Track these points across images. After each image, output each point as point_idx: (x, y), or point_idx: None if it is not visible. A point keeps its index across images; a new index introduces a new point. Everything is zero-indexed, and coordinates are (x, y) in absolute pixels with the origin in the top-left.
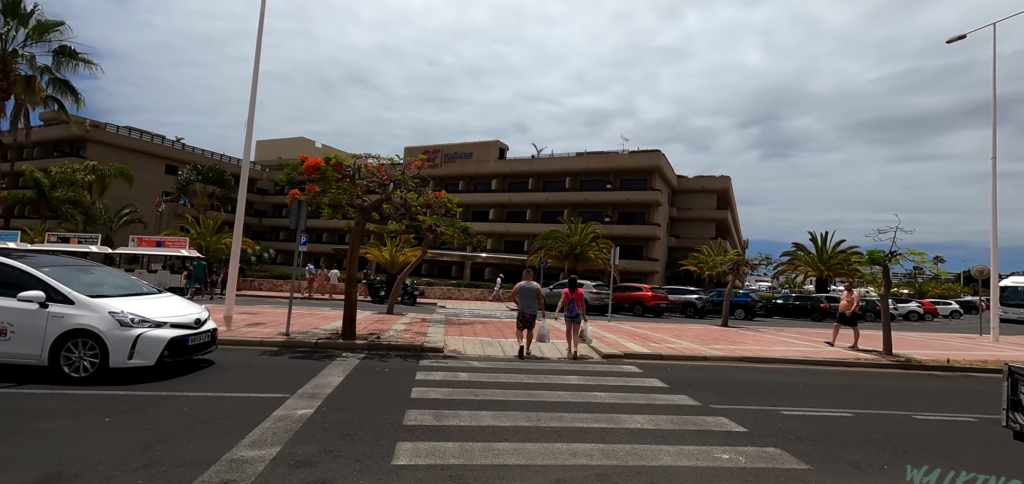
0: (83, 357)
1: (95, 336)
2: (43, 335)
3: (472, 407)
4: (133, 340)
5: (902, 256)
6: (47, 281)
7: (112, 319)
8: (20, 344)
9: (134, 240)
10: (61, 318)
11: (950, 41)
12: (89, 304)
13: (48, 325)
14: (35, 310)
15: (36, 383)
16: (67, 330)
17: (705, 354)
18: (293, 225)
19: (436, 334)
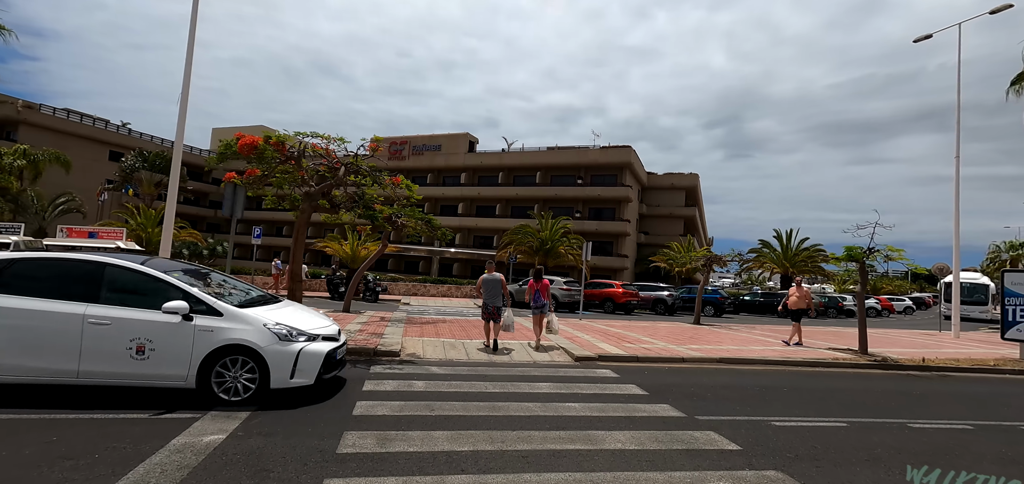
0: (239, 377)
1: (252, 352)
2: (189, 353)
3: (425, 425)
4: (294, 356)
5: (880, 253)
6: (188, 290)
7: (268, 332)
8: (162, 364)
9: (62, 231)
10: (210, 333)
11: (917, 40)
12: (240, 315)
13: (195, 341)
14: (178, 323)
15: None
16: (219, 346)
17: (682, 355)
18: (227, 212)
19: (393, 335)
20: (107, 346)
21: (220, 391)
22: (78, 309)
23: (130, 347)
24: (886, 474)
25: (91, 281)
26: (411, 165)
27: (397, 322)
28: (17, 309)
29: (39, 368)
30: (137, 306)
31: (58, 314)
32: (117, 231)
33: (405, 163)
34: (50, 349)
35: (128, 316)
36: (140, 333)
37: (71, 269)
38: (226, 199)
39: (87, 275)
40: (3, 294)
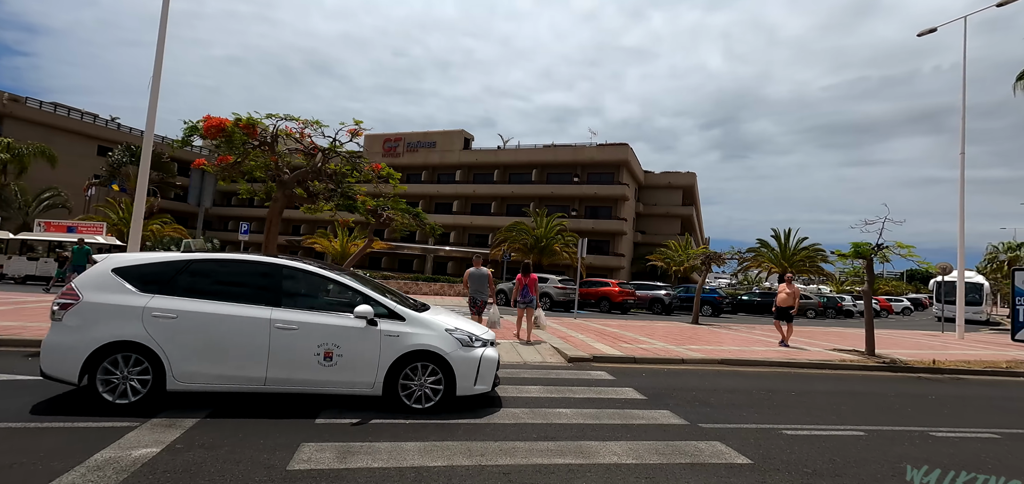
0: (425, 384)
1: (437, 359)
2: (377, 359)
3: (396, 435)
4: (477, 363)
5: (889, 250)
6: (370, 293)
7: (452, 338)
8: (350, 371)
9: (41, 224)
10: (395, 338)
11: (921, 34)
12: (421, 320)
13: (382, 347)
14: (364, 329)
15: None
16: (406, 352)
17: (682, 356)
18: (193, 201)
19: None
20: (295, 352)
21: (406, 398)
22: (264, 313)
23: (318, 353)
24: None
25: (270, 284)
26: (406, 162)
27: None
28: (205, 313)
29: (228, 375)
30: (320, 310)
31: (246, 318)
32: (97, 226)
33: (400, 160)
34: (238, 355)
35: (315, 321)
36: (328, 338)
37: (248, 270)
38: (192, 187)
39: (265, 277)
40: (184, 297)
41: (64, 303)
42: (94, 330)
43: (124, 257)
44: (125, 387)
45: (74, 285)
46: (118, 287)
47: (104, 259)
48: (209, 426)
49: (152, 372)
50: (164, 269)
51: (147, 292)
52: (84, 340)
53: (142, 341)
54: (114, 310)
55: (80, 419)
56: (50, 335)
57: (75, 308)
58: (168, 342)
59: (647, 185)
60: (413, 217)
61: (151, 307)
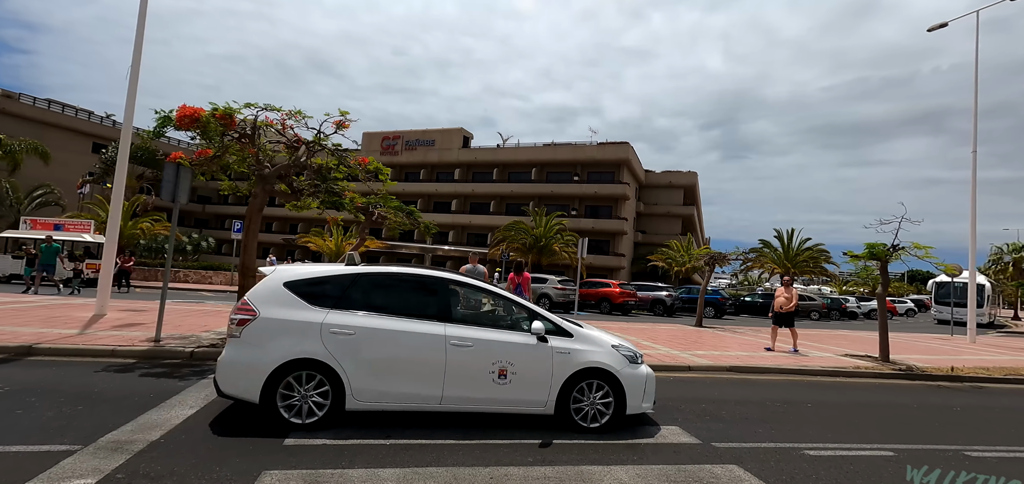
0: (596, 402)
1: (607, 376)
2: (549, 376)
3: (373, 460)
4: (644, 380)
5: (905, 251)
6: (535, 309)
7: (618, 354)
8: (523, 389)
9: (26, 222)
10: (566, 355)
11: (931, 29)
12: (589, 337)
13: (554, 364)
14: (535, 345)
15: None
16: (578, 369)
17: (689, 363)
18: (168, 196)
19: None
20: (471, 370)
21: (578, 418)
22: (438, 329)
23: (492, 371)
24: None
25: (438, 298)
26: (404, 160)
27: None
28: (382, 329)
29: (406, 394)
30: (488, 325)
31: (422, 335)
32: (84, 223)
33: (398, 158)
34: (416, 373)
35: (488, 337)
36: (502, 355)
37: (415, 285)
38: (165, 181)
39: (432, 292)
40: (356, 313)
41: (241, 319)
42: (274, 347)
43: (294, 271)
44: (305, 406)
45: (249, 300)
46: (292, 302)
47: (273, 272)
48: (164, 448)
49: (332, 391)
50: (334, 283)
51: (321, 307)
52: (265, 358)
53: (322, 359)
54: (293, 326)
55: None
56: (228, 352)
57: (253, 324)
58: (347, 359)
59: (648, 184)
60: (406, 215)
61: (329, 323)
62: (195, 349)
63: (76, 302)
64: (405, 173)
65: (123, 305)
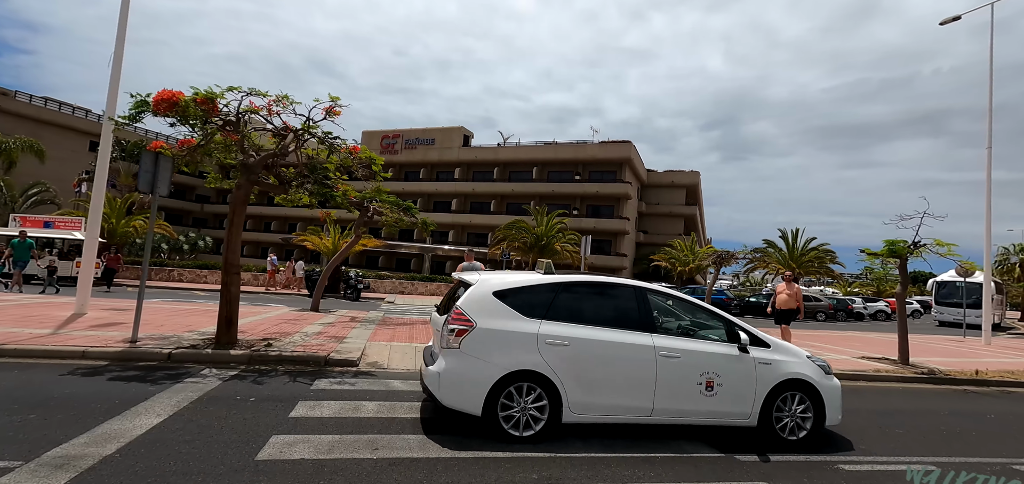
0: (796, 414)
1: (808, 387)
2: (753, 388)
3: (358, 477)
4: (838, 392)
5: (926, 248)
6: (730, 319)
7: (814, 364)
8: (729, 401)
9: (16, 219)
10: (769, 366)
11: (944, 23)
12: (785, 347)
13: (757, 375)
14: (738, 356)
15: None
16: (780, 381)
17: None
18: (146, 187)
19: (356, 340)
20: (680, 381)
21: (780, 430)
22: (646, 340)
23: (700, 382)
24: None
25: (641, 308)
26: (404, 159)
27: (368, 323)
28: (595, 340)
29: (619, 405)
30: (689, 336)
31: (633, 345)
32: (75, 221)
33: (397, 157)
34: (628, 384)
35: (694, 348)
36: (708, 367)
37: (615, 293)
38: (143, 171)
39: (634, 301)
40: (565, 323)
41: (459, 329)
42: (496, 359)
43: (500, 280)
44: (523, 419)
45: (464, 310)
46: (505, 312)
47: (480, 281)
48: (119, 464)
49: (549, 403)
50: (540, 293)
51: (532, 317)
52: (487, 370)
53: (540, 370)
54: (511, 337)
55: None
56: (448, 364)
57: (471, 335)
58: (563, 371)
59: (650, 184)
60: (403, 211)
61: (543, 334)
62: (173, 351)
63: (57, 301)
64: (405, 172)
65: (107, 304)
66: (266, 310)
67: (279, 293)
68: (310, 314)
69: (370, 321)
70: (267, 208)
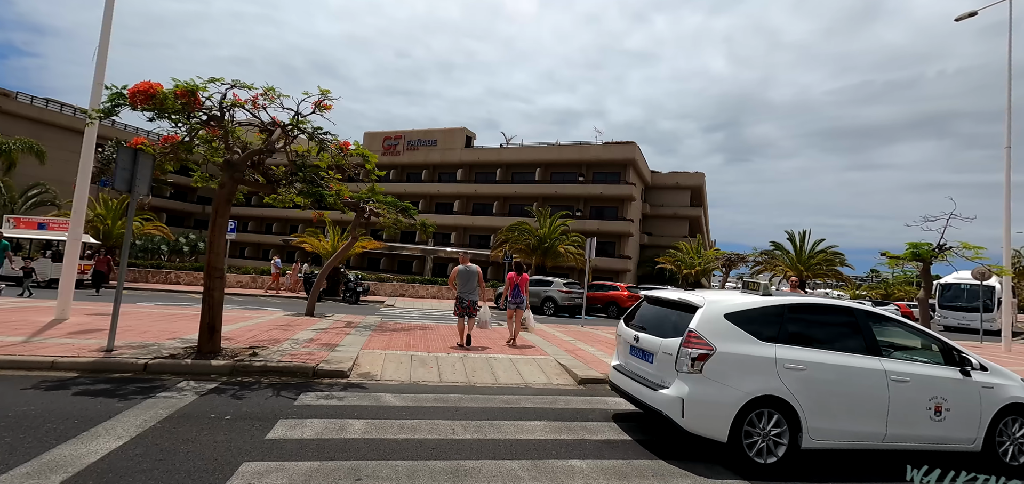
0: (1018, 439)
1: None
2: (978, 413)
3: None
4: None
5: (952, 251)
6: (944, 340)
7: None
8: (956, 425)
9: (9, 221)
10: (991, 390)
11: (959, 19)
12: (1000, 371)
13: (982, 400)
14: (961, 380)
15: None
16: (1003, 405)
17: None
18: (123, 185)
19: (349, 348)
20: (910, 406)
21: (1002, 455)
22: (875, 364)
23: (929, 407)
24: None
25: (863, 330)
26: (406, 161)
27: (364, 329)
28: (829, 364)
29: (853, 431)
30: (911, 359)
31: (866, 370)
32: (67, 222)
33: (399, 159)
34: (862, 409)
35: (922, 372)
36: (936, 391)
37: (836, 315)
38: (120, 168)
39: (855, 324)
40: (795, 346)
41: (701, 353)
42: (738, 384)
43: (729, 301)
44: (765, 446)
45: (701, 334)
46: (740, 335)
47: (707, 303)
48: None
49: (788, 429)
50: (769, 315)
51: (766, 341)
52: (731, 395)
53: (781, 395)
54: (752, 362)
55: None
56: (692, 389)
57: (713, 359)
58: (803, 396)
59: (654, 185)
60: (401, 212)
61: (781, 358)
62: (150, 361)
63: (39, 305)
64: (407, 173)
65: (92, 308)
66: (259, 314)
67: (283, 296)
68: (304, 319)
69: (366, 326)
70: (268, 210)
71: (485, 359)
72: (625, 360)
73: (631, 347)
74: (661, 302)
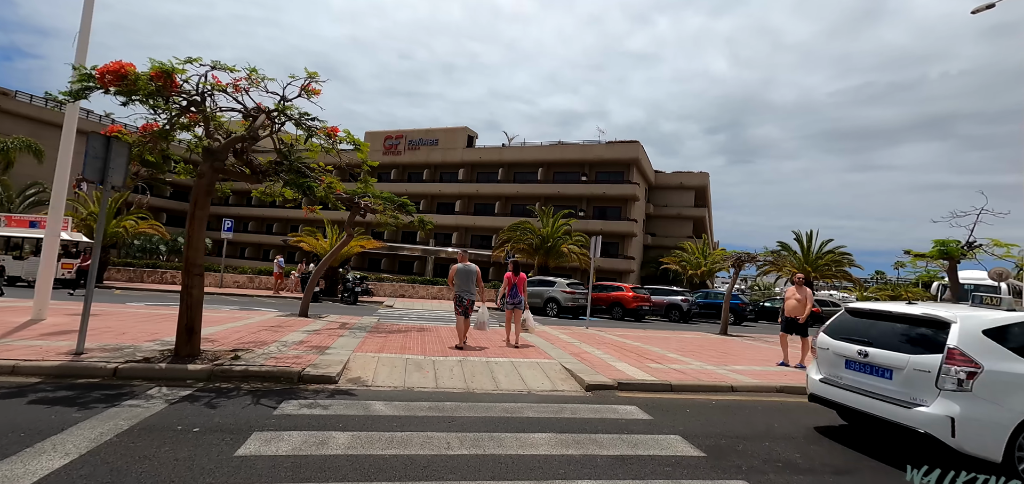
0: None
1: None
2: None
3: None
4: None
5: (981, 249)
6: None
7: None
8: None
9: (2, 219)
10: None
11: (975, 11)
12: None
13: None
14: None
15: None
16: None
17: (730, 382)
18: (93, 175)
19: (340, 350)
20: None
21: None
22: None
23: None
24: None
25: None
26: (407, 160)
27: (359, 330)
28: None
29: None
30: None
31: None
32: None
33: (401, 158)
34: None
35: None
36: None
37: None
38: (90, 157)
39: None
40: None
41: (969, 372)
42: (1010, 403)
43: (987, 317)
44: None
45: (965, 351)
46: (1001, 353)
47: (961, 319)
48: None
49: None
50: (1020, 330)
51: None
52: (1005, 415)
53: None
54: (1020, 380)
55: None
56: (963, 408)
57: (982, 377)
58: None
59: (658, 185)
60: (397, 208)
61: None
62: (121, 365)
63: (16, 305)
64: (408, 173)
65: (73, 308)
66: (251, 315)
67: (283, 296)
68: (297, 320)
69: (361, 328)
70: (268, 210)
71: (485, 363)
72: (837, 373)
73: (849, 361)
74: (883, 315)
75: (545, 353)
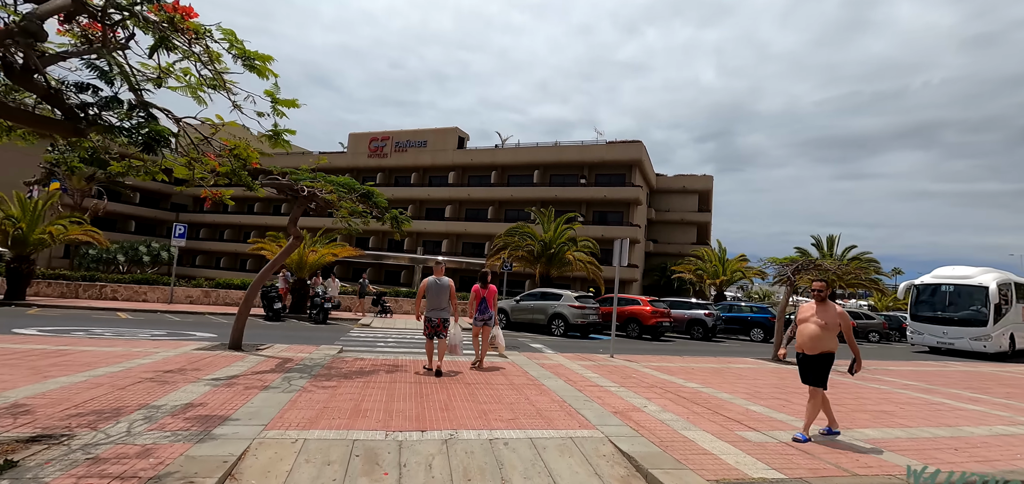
0: None
1: None
2: None
3: None
4: None
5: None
6: None
7: None
8: None
9: None
10: None
11: None
12: None
13: None
14: None
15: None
16: None
17: (890, 467)
18: None
19: (247, 424)
20: None
21: None
22: None
23: None
24: None
25: None
26: (393, 163)
27: (299, 374)
28: None
29: None
30: None
31: None
32: None
33: (387, 161)
34: None
35: None
36: None
37: None
38: None
39: None
40: None
41: None
42: None
43: None
44: None
45: None
46: None
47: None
48: None
49: None
50: None
51: None
52: None
53: None
54: None
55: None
56: None
57: None
58: None
59: (659, 189)
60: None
61: None
62: None
63: None
64: (395, 177)
65: None
66: (173, 345)
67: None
68: (221, 355)
69: (306, 368)
70: (246, 217)
71: (487, 446)
72: None
73: None
74: None
75: (572, 410)
